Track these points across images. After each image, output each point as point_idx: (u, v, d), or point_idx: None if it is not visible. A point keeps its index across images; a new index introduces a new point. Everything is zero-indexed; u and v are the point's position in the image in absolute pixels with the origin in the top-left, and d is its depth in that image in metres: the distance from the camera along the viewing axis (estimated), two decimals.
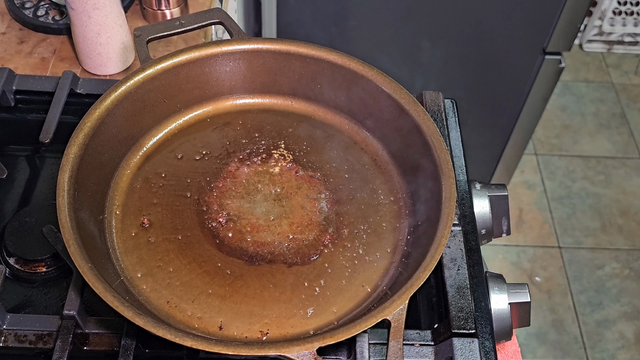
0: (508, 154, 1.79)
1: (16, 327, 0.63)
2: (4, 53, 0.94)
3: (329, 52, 0.74)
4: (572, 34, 1.46)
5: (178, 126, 0.77)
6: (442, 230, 0.61)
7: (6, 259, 0.71)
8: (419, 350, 0.63)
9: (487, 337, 0.65)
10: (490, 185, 0.80)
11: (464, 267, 0.68)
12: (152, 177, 0.72)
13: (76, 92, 0.83)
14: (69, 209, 0.60)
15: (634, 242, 1.94)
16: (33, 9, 0.98)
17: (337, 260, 0.67)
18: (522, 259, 1.90)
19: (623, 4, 2.30)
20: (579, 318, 1.79)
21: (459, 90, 1.60)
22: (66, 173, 0.62)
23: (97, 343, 0.63)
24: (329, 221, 0.70)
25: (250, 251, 0.67)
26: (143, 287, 0.64)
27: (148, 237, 0.67)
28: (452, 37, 1.49)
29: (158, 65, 0.72)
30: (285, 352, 0.53)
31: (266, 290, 0.64)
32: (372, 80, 0.73)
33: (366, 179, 0.74)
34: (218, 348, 0.53)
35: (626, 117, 2.24)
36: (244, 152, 0.75)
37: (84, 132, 0.66)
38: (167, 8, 0.98)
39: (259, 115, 0.79)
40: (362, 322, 0.55)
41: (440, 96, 0.83)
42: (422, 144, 0.69)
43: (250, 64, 0.77)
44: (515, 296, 0.70)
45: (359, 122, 0.77)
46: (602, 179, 2.08)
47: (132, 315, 0.53)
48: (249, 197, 0.71)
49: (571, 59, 2.38)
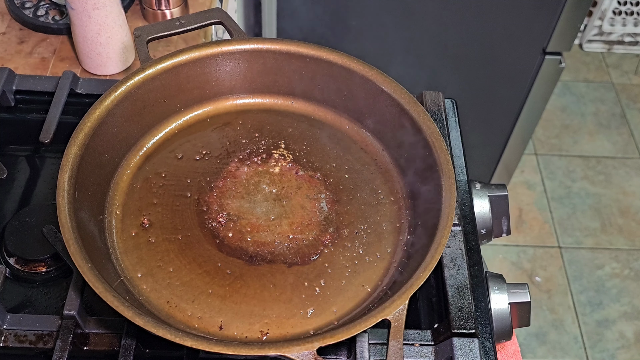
0: (508, 154, 1.79)
1: (16, 327, 0.63)
2: (4, 53, 0.94)
3: (329, 52, 0.74)
4: (572, 34, 1.47)
5: (178, 126, 0.77)
6: (442, 230, 0.61)
7: (6, 259, 0.71)
8: (419, 350, 0.64)
9: (487, 337, 0.65)
10: (490, 185, 0.80)
11: (464, 267, 0.68)
12: (152, 177, 0.72)
13: (76, 92, 0.83)
14: (69, 209, 0.60)
15: (634, 242, 1.94)
16: (33, 9, 0.98)
17: (337, 260, 0.67)
18: (522, 259, 1.90)
19: (623, 4, 2.30)
20: (579, 318, 1.79)
21: (459, 90, 1.60)
22: (66, 173, 0.62)
23: (97, 343, 0.63)
24: (329, 221, 0.70)
25: (250, 251, 0.67)
26: (143, 287, 0.64)
27: (148, 237, 0.67)
28: (452, 37, 1.49)
29: (158, 65, 0.72)
30: (286, 352, 0.53)
31: (266, 290, 0.64)
32: (372, 80, 0.73)
33: (366, 179, 0.74)
34: (218, 348, 0.53)
35: (626, 117, 2.24)
36: (244, 152, 0.75)
37: (84, 132, 0.66)
38: (167, 8, 0.98)
39: (259, 115, 0.79)
40: (362, 322, 0.55)
41: (440, 96, 0.83)
42: (422, 144, 0.69)
43: (250, 64, 0.77)
44: (515, 296, 0.70)
45: (359, 122, 0.77)
46: (602, 179, 2.08)
47: (132, 315, 0.53)
48: (249, 197, 0.71)
49: (571, 59, 2.38)
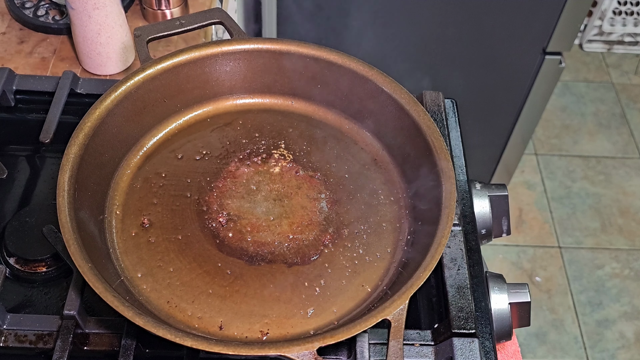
0: (508, 154, 1.79)
1: (16, 327, 0.63)
2: (4, 53, 0.94)
3: (329, 52, 0.74)
4: (572, 34, 1.47)
5: (178, 126, 0.77)
6: (442, 230, 0.61)
7: (6, 259, 0.71)
8: (419, 350, 0.64)
9: (487, 337, 0.65)
10: (490, 185, 0.80)
11: (464, 267, 0.68)
12: (152, 177, 0.72)
13: (76, 92, 0.83)
14: (69, 209, 0.60)
15: (634, 242, 1.94)
16: (33, 9, 0.98)
17: (337, 260, 0.67)
18: (522, 259, 1.90)
19: (623, 4, 2.30)
20: (579, 318, 1.79)
21: (459, 90, 1.60)
22: (66, 173, 0.62)
23: (98, 343, 0.63)
24: (329, 221, 0.70)
25: (250, 251, 0.67)
26: (143, 287, 0.64)
27: (148, 237, 0.67)
28: (453, 37, 1.49)
29: (158, 65, 0.72)
30: (286, 352, 0.53)
31: (266, 290, 0.64)
32: (372, 80, 0.73)
33: (366, 179, 0.74)
34: (218, 348, 0.53)
35: (626, 117, 2.24)
36: (244, 152, 0.75)
37: (84, 132, 0.66)
38: (167, 8, 0.98)
39: (259, 115, 0.79)
40: (363, 322, 0.55)
41: (440, 96, 0.83)
42: (422, 144, 0.69)
43: (250, 64, 0.77)
44: (515, 296, 0.70)
45: (359, 122, 0.77)
46: (602, 179, 2.08)
47: (132, 315, 0.53)
48: (249, 197, 0.71)
49: (571, 59, 2.38)
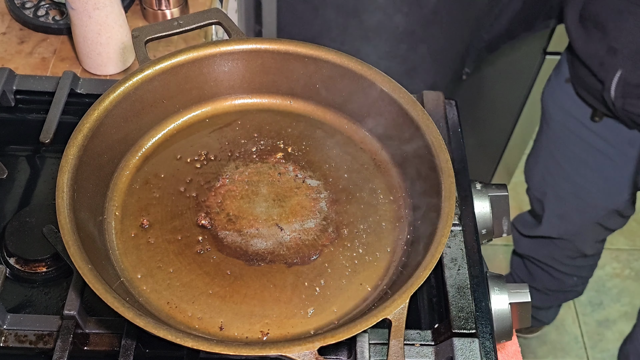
0: (508, 154, 1.79)
1: (16, 327, 0.63)
2: (4, 53, 0.94)
3: (329, 52, 0.74)
4: None
5: (177, 127, 0.77)
6: (442, 229, 0.61)
7: (6, 259, 0.71)
8: (420, 350, 0.64)
9: (488, 337, 0.65)
10: (490, 185, 0.80)
11: (464, 267, 0.68)
12: (152, 178, 0.72)
13: (76, 92, 0.83)
14: (68, 210, 0.60)
15: (634, 242, 1.94)
16: (33, 9, 0.98)
17: (337, 260, 0.67)
18: None
19: None
20: (580, 318, 1.79)
21: (459, 90, 1.60)
22: (65, 174, 0.62)
23: (98, 343, 0.63)
24: (329, 221, 0.70)
25: (250, 251, 0.67)
26: (143, 288, 0.64)
27: (148, 237, 0.67)
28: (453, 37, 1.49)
29: (156, 65, 0.72)
30: (286, 352, 0.53)
31: (266, 290, 0.64)
32: (372, 80, 0.73)
33: (365, 179, 0.74)
34: (219, 348, 0.53)
35: None
36: (243, 152, 0.75)
37: (83, 133, 0.65)
38: (167, 8, 0.98)
39: (258, 115, 0.79)
40: (363, 322, 0.55)
41: (441, 96, 0.83)
42: (422, 144, 0.69)
43: (248, 64, 0.77)
44: (515, 296, 0.70)
45: (358, 122, 0.77)
46: None
47: (133, 316, 0.53)
48: (248, 197, 0.71)
49: None
